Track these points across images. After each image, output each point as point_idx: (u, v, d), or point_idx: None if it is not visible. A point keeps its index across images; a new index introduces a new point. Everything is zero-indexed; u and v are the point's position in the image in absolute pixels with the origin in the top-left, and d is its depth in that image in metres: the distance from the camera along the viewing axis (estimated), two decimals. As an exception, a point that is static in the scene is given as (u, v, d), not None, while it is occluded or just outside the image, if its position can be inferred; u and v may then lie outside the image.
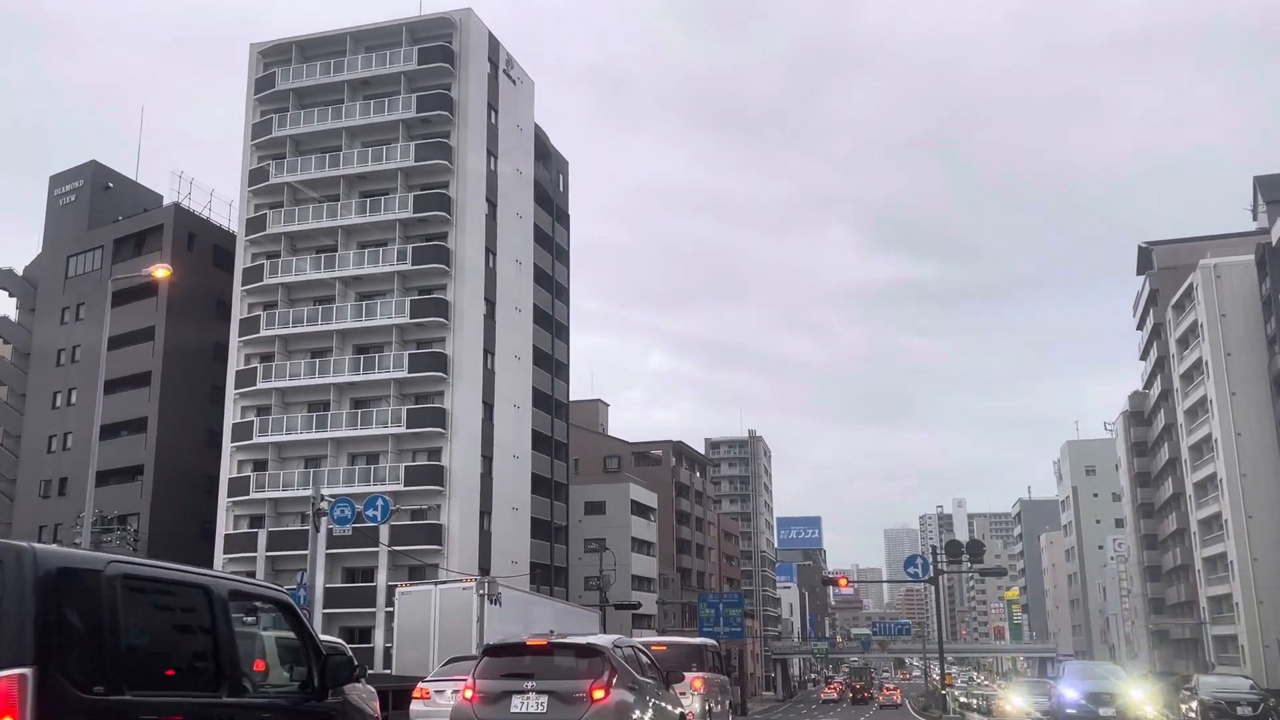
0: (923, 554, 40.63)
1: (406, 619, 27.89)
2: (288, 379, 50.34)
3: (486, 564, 49.99)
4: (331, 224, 51.28)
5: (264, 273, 51.50)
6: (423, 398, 49.65)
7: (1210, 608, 67.38)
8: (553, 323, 65.15)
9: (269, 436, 49.68)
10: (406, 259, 49.99)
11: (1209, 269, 65.50)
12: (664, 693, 11.67)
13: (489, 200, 53.41)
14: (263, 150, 53.60)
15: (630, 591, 71.39)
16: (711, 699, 15.88)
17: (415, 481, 47.95)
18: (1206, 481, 67.67)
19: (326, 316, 50.56)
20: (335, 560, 48.65)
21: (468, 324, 50.20)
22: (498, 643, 10.84)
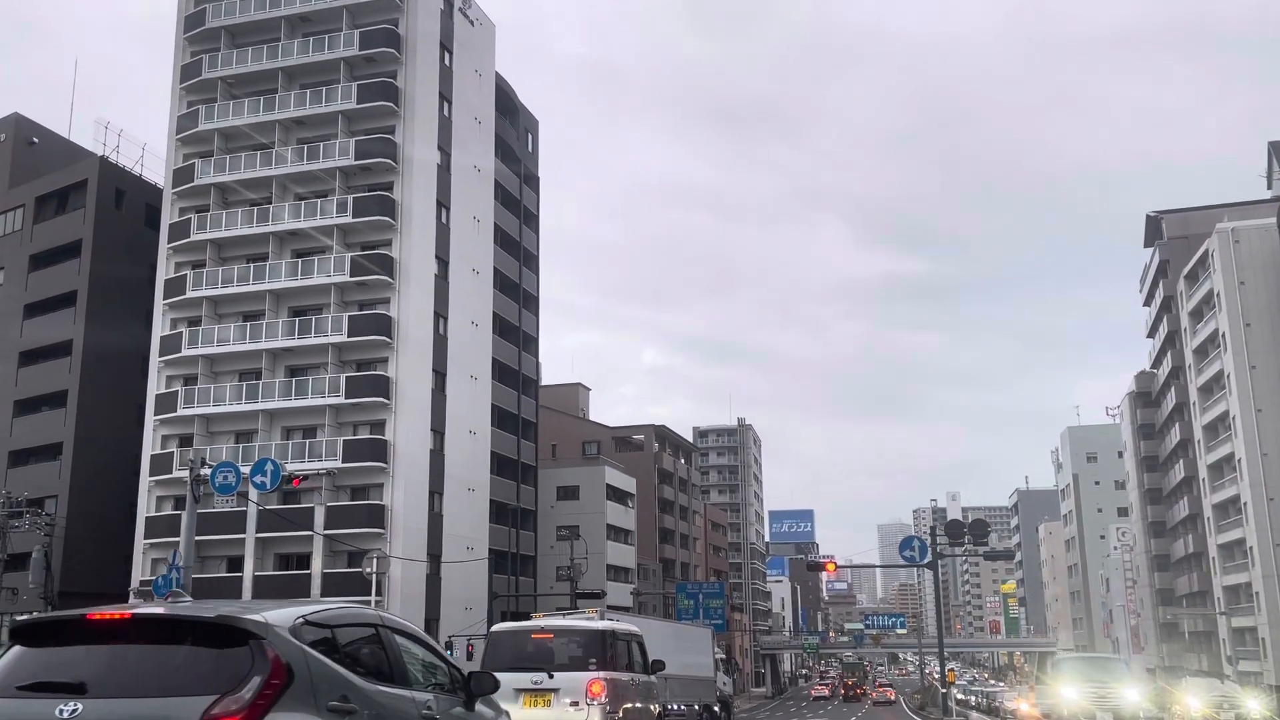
0: (919, 535, 35.82)
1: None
2: (215, 345, 45.46)
3: (436, 548, 45.20)
4: (266, 173, 46.36)
5: (191, 228, 46.56)
6: (365, 365, 44.80)
7: (1226, 598, 62.85)
8: (520, 291, 60.32)
9: (195, 408, 44.80)
10: (347, 211, 45.09)
11: (1226, 233, 60.90)
12: None
13: (441, 149, 48.51)
14: (192, 94, 48.65)
15: (605, 582, 66.68)
16: (621, 708, 11.64)
17: (355, 457, 43.13)
18: (1222, 463, 63.15)
19: (259, 276, 45.66)
20: (266, 546, 43.87)
21: (415, 284, 45.34)
22: None
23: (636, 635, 13.50)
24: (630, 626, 13.89)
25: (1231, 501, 61.96)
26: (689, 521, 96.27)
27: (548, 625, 12.90)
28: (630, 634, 13.24)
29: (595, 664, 11.55)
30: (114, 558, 45.85)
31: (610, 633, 12.39)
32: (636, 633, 13.68)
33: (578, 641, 12.23)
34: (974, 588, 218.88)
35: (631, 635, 13.30)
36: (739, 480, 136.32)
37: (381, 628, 5.55)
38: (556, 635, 12.51)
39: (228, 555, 44.25)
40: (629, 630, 13.39)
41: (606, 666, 11.70)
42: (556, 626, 12.99)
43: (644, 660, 13.47)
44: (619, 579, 69.21)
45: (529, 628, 12.85)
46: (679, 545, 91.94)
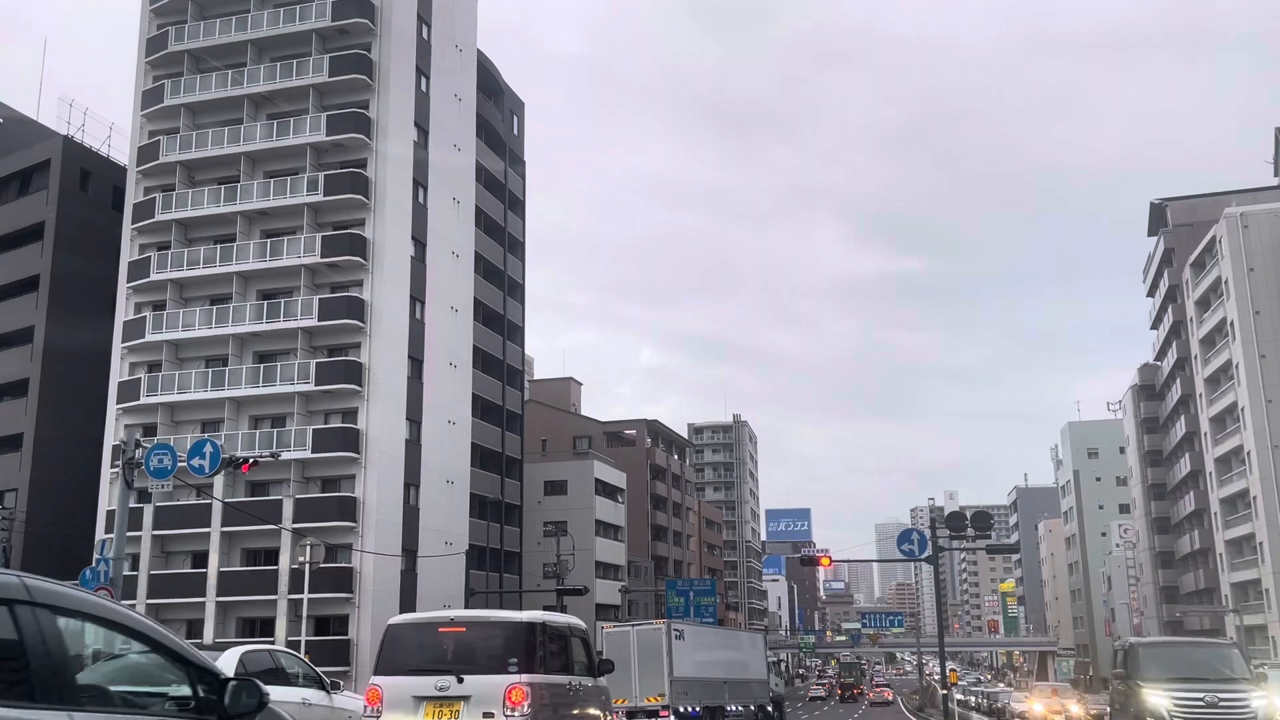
0: (918, 528, 33.75)
1: (612, 651, 31.56)
2: (181, 330, 43.35)
3: (412, 543, 43.13)
4: (234, 150, 44.22)
5: (155, 208, 44.43)
6: (336, 350, 42.71)
7: (1234, 595, 60.85)
8: (505, 278, 58.26)
9: (159, 396, 42.68)
10: (318, 189, 42.97)
11: (1235, 218, 58.89)
12: None
13: (418, 125, 46.42)
14: (158, 69, 46.51)
15: (594, 579, 64.62)
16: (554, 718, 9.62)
17: (325, 447, 41.03)
18: (1230, 456, 61.16)
19: (227, 257, 43.54)
20: (233, 540, 41.80)
21: (390, 266, 43.24)
22: None
23: (579, 630, 11.48)
24: (572, 619, 11.66)
25: (1240, 496, 60.00)
26: (682, 518, 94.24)
27: (460, 617, 10.70)
28: (571, 628, 11.20)
29: (518, 664, 9.44)
30: (78, 552, 43.66)
31: (540, 625, 10.24)
32: (579, 626, 11.58)
33: (497, 636, 10.02)
34: (972, 586, 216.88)
35: (573, 630, 11.24)
36: (734, 477, 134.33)
37: (24, 605, 3.41)
38: (471, 628, 10.28)
39: (193, 550, 42.16)
40: (568, 623, 11.32)
41: (534, 667, 9.61)
42: (470, 618, 10.85)
43: (589, 660, 11.42)
44: (608, 576, 67.18)
45: (436, 619, 10.63)
46: (672, 542, 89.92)
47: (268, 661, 10.82)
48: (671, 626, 32.67)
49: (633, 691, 30.21)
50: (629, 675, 30.60)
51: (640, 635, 32.05)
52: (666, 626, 32.55)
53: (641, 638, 31.89)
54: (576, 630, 11.40)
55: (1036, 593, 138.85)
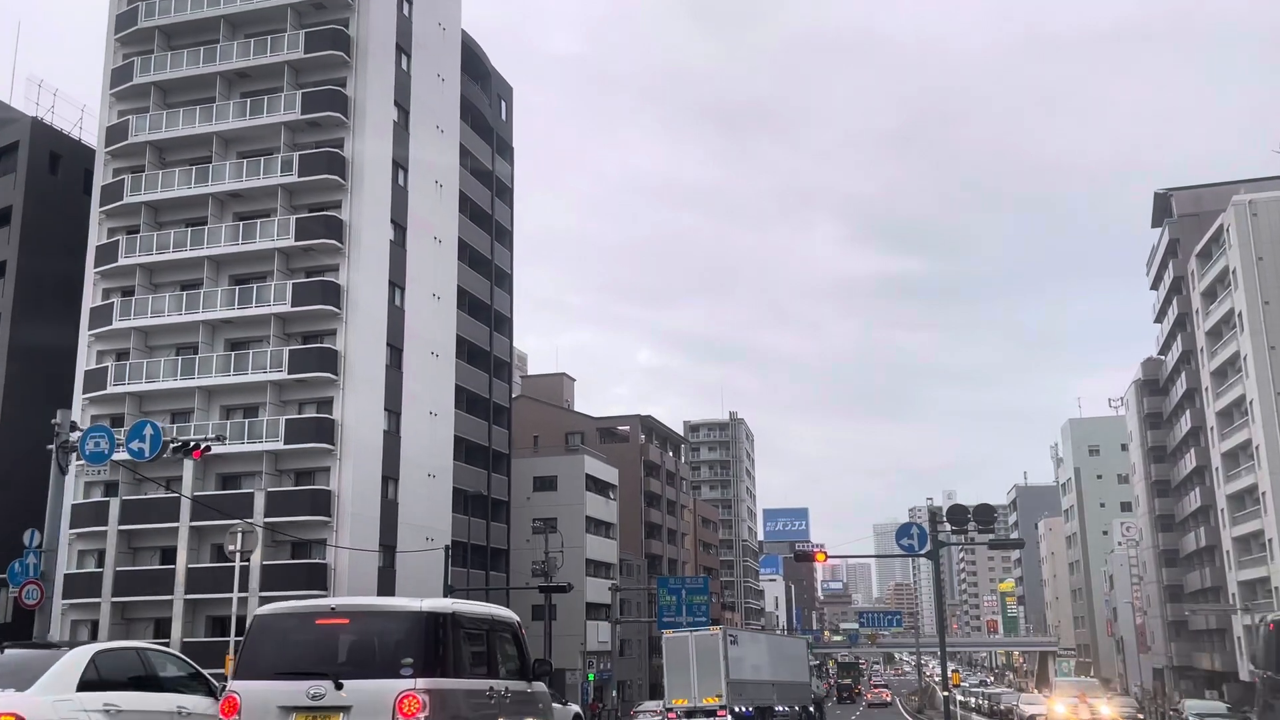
0: (918, 521, 32.02)
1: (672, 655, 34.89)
2: (149, 316, 41.60)
3: (390, 539, 41.40)
4: (206, 129, 42.46)
5: (124, 190, 42.68)
6: (311, 337, 40.96)
7: (1242, 593, 59.13)
8: (492, 268, 56.51)
9: (126, 385, 40.93)
10: (293, 170, 41.22)
11: (1243, 205, 57.20)
12: None
13: (399, 104, 44.67)
14: (128, 46, 44.76)
15: (584, 577, 62.94)
16: None
17: (298, 438, 39.29)
18: (1238, 450, 59.45)
19: (198, 241, 41.78)
20: (202, 535, 40.05)
21: (367, 250, 41.51)
22: None
23: (507, 622, 9.49)
24: (497, 610, 9.58)
25: (1248, 491, 58.31)
26: (677, 516, 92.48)
27: (344, 605, 8.37)
28: (496, 620, 9.21)
29: (415, 666, 7.55)
30: (40, 549, 41.97)
31: (448, 617, 8.14)
32: (506, 619, 9.53)
33: (389, 631, 7.97)
34: (970, 586, 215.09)
35: (499, 622, 9.26)
36: (731, 475, 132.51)
37: None
38: (357, 620, 8.14)
39: (161, 546, 40.40)
40: (492, 615, 9.24)
41: (438, 669, 7.71)
42: (356, 607, 8.50)
43: (521, 659, 9.45)
44: (600, 574, 65.49)
45: (313, 609, 8.44)
46: (666, 541, 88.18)
47: (133, 663, 9.01)
48: (727, 633, 35.00)
49: (692, 692, 33.12)
50: (688, 677, 33.46)
51: (698, 641, 34.39)
52: (723, 633, 34.92)
53: (700, 643, 34.21)
54: (504, 623, 9.44)
55: (1036, 592, 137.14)
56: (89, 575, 40.15)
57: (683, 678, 33.90)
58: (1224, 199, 61.49)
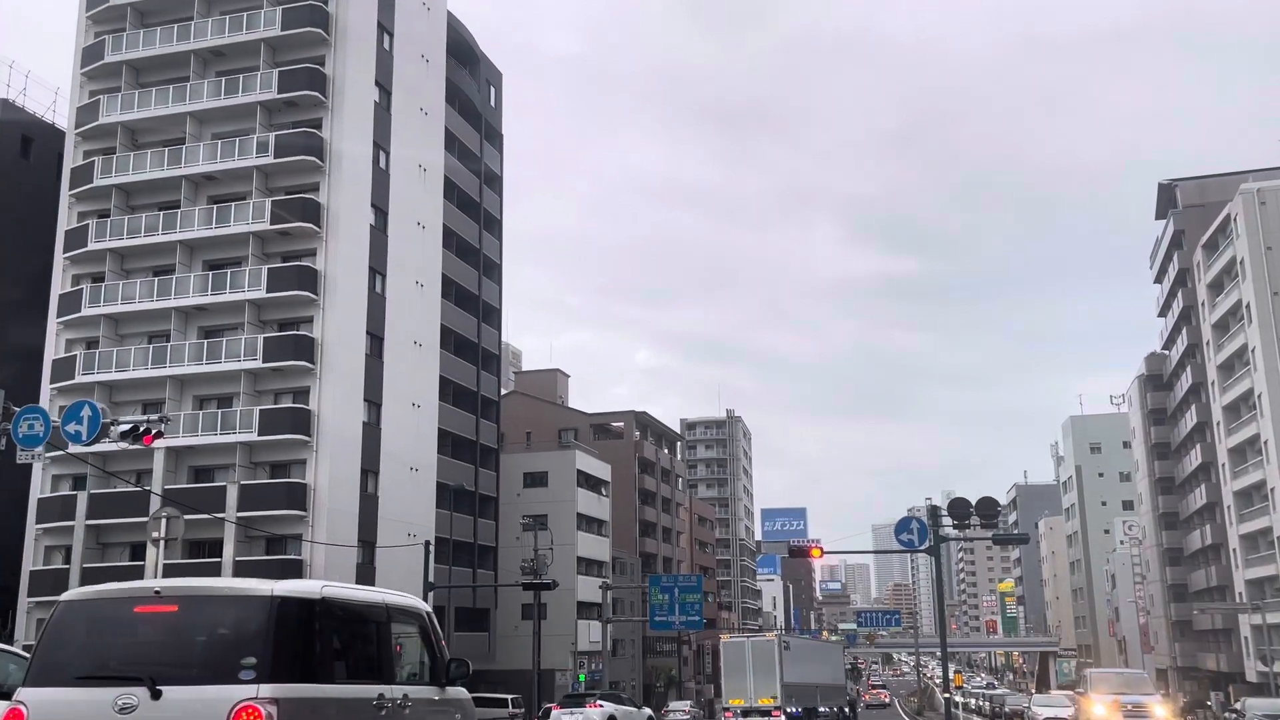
0: (918, 515, 30.50)
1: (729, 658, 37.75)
2: (120, 302, 40.03)
3: (370, 534, 39.85)
4: (180, 109, 40.91)
5: (95, 172, 41.12)
6: (287, 325, 39.39)
7: (1249, 592, 57.61)
8: (480, 257, 54.96)
9: (96, 374, 39.36)
10: (269, 151, 39.67)
11: (1251, 194, 55.73)
12: None
13: (380, 85, 43.13)
14: (99, 24, 43.22)
15: (575, 576, 61.41)
16: None
17: (273, 429, 37.75)
18: (1245, 446, 57.98)
19: (170, 225, 40.23)
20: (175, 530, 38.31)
21: (346, 234, 39.96)
22: None
23: (412, 613, 7.67)
24: (396, 596, 7.68)
25: (1256, 488, 56.84)
26: (672, 514, 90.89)
27: (171, 588, 6.38)
28: (392, 610, 7.31)
29: (261, 668, 5.81)
30: (4, 546, 40.45)
31: (313, 604, 6.32)
32: (412, 609, 7.70)
33: (227, 622, 6.16)
34: (970, 586, 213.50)
35: (398, 613, 7.39)
36: (728, 474, 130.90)
37: None
38: (188, 608, 6.23)
39: (130, 542, 38.82)
40: (385, 603, 7.29)
41: (294, 672, 5.96)
42: (188, 590, 6.50)
43: (433, 659, 7.63)
44: (591, 572, 63.89)
45: (130, 593, 6.50)
46: (661, 539, 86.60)
47: None
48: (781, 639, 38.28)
49: (748, 694, 35.81)
50: (745, 680, 36.27)
51: (755, 646, 37.37)
52: (778, 639, 38.25)
53: (756, 648, 37.12)
54: (406, 614, 7.54)
55: (1036, 592, 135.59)
56: (56, 572, 38.53)
57: (739, 680, 36.65)
58: (1229, 189, 60.02)
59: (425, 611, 7.85)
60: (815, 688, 40.06)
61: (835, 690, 45.18)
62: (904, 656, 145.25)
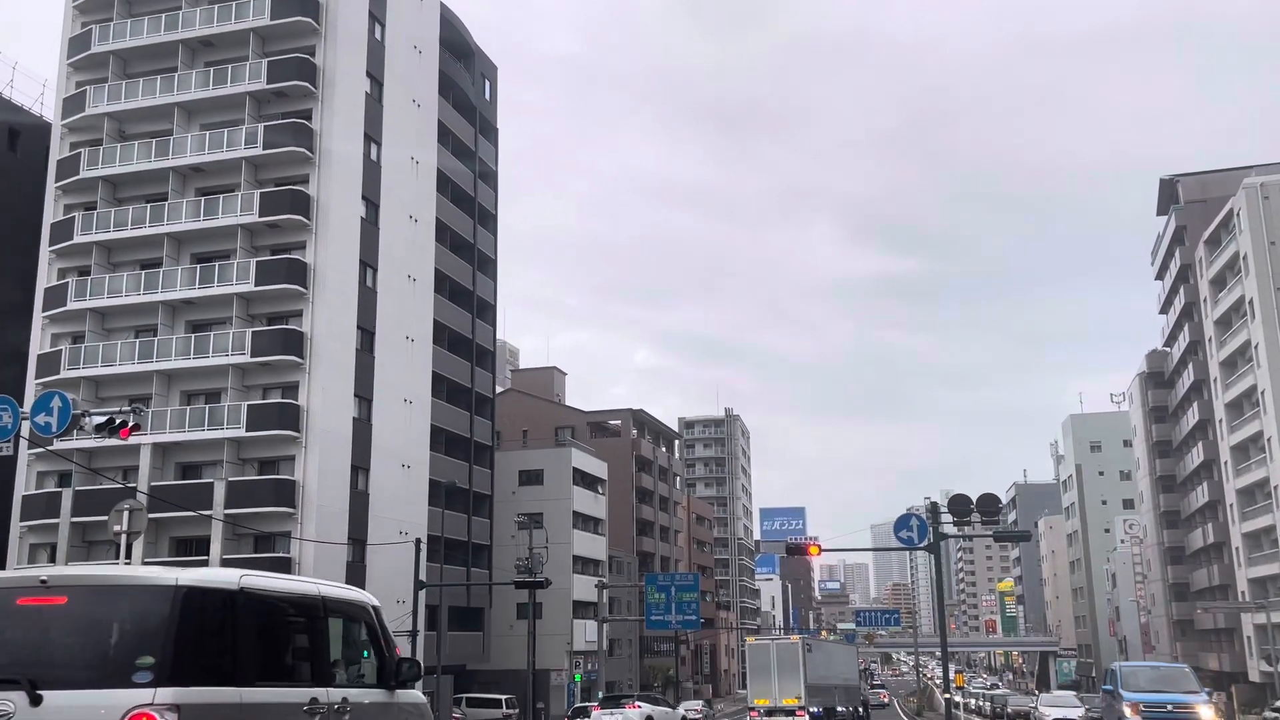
0: (917, 513, 29.85)
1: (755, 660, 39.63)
2: (107, 296, 39.35)
3: (360, 532, 39.20)
4: (167, 100, 40.24)
5: (81, 164, 40.45)
6: (276, 319, 38.74)
7: (1253, 591, 56.97)
8: (475, 252, 54.35)
9: (81, 369, 38.69)
10: (258, 142, 39.01)
11: (1254, 189, 55.12)
12: None
13: (371, 75, 42.48)
14: (86, 14, 42.55)
15: (571, 574, 60.79)
16: None
17: (262, 425, 37.07)
18: (1248, 443, 57.37)
19: (158, 217, 39.54)
20: (161, 528, 37.86)
21: (336, 226, 39.30)
22: None
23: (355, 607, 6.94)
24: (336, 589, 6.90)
25: (1259, 485, 56.20)
26: (670, 513, 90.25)
27: (60, 578, 5.64)
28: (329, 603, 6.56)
29: (160, 669, 5.06)
30: (-9, 541, 39.80)
31: (227, 595, 5.61)
32: (354, 603, 6.97)
33: (120, 615, 5.40)
34: (969, 586, 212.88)
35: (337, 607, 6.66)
36: (726, 473, 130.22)
37: None
38: (77, 599, 5.48)
39: (118, 541, 38.05)
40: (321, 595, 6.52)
41: (198, 674, 5.21)
42: (78, 579, 5.73)
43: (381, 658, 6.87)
44: (588, 571, 63.27)
45: (11, 583, 5.77)
46: (658, 538, 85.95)
47: None
48: (804, 642, 39.98)
49: (773, 694, 37.40)
50: (770, 680, 37.94)
51: (779, 648, 39.21)
52: (801, 642, 40.12)
53: (780, 651, 38.88)
54: (347, 607, 6.78)
55: (1036, 592, 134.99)
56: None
57: (764, 680, 38.42)
58: (1232, 185, 59.43)
59: (371, 605, 7.11)
60: (834, 688, 41.73)
61: (851, 690, 47.22)
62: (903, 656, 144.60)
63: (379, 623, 6.99)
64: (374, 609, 7.05)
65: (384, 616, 7.01)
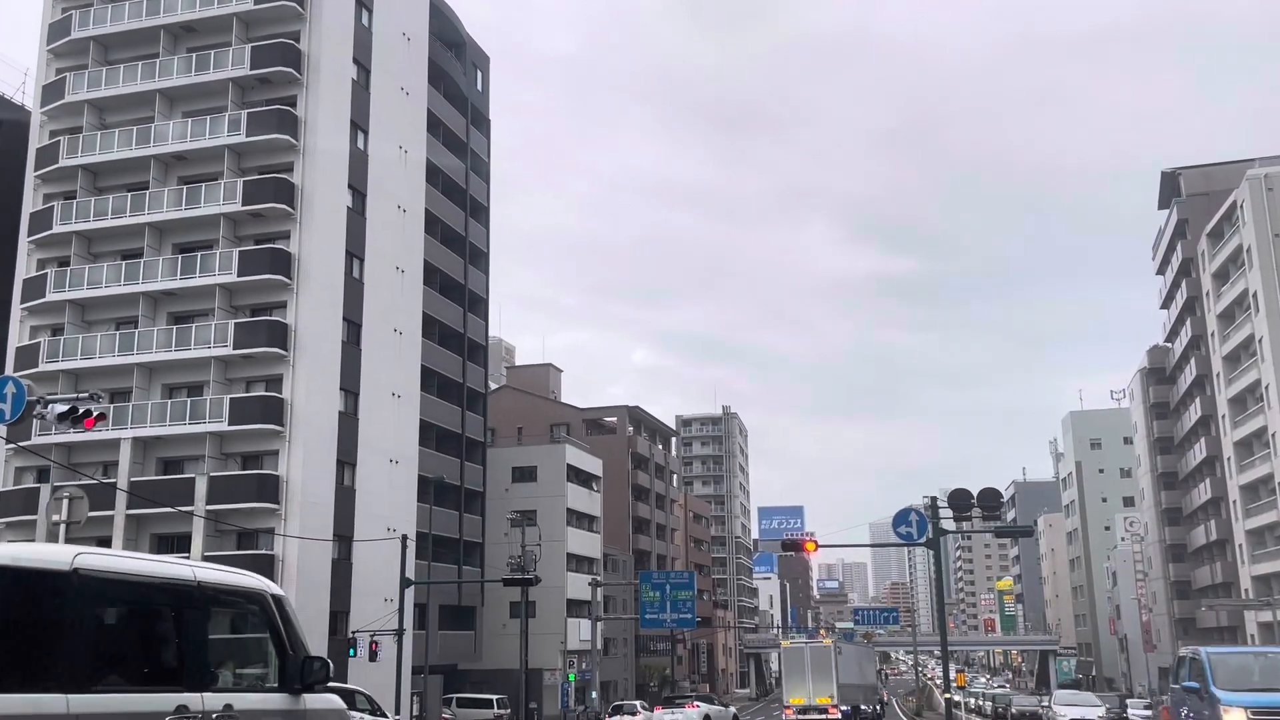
0: (917, 508, 28.95)
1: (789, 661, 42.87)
2: (86, 287, 38.41)
3: (347, 529, 38.29)
4: (148, 86, 39.29)
5: (60, 152, 39.52)
6: (260, 310, 37.80)
7: (1256, 588, 56.16)
8: (466, 245, 53.43)
9: (60, 362, 37.76)
10: (241, 129, 38.08)
11: (1258, 180, 54.29)
12: None
13: (358, 62, 41.56)
14: None
15: (565, 572, 59.92)
16: None
17: (244, 418, 36.14)
18: (1252, 439, 56.57)
19: (139, 206, 38.61)
20: (141, 525, 36.95)
21: (322, 216, 38.37)
22: None
23: (246, 596, 5.93)
24: (217, 574, 5.81)
25: (1263, 481, 55.40)
26: (666, 511, 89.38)
27: None
28: (210, 591, 5.54)
29: None
30: (-32, 540, 38.89)
31: (52, 578, 4.57)
32: (245, 591, 5.94)
33: None
34: (967, 585, 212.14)
35: (219, 595, 5.65)
36: (723, 471, 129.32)
37: None
38: None
39: (96, 536, 37.13)
40: (197, 581, 5.51)
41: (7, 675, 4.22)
42: None
43: (281, 657, 5.86)
44: (582, 569, 62.36)
45: None
46: (655, 536, 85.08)
47: None
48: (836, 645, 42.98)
49: (808, 693, 40.14)
50: (804, 681, 40.76)
51: (813, 651, 42.26)
52: (833, 644, 43.04)
53: (814, 653, 41.90)
54: (229, 595, 5.78)
55: (1035, 590, 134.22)
56: (18, 568, 37.01)
57: (799, 681, 41.20)
58: (1234, 177, 58.61)
59: (269, 594, 6.08)
60: (859, 688, 44.21)
61: (872, 690, 50.00)
62: (902, 655, 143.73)
63: (281, 615, 5.99)
64: (274, 598, 6.07)
65: (290, 606, 6.02)
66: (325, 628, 36.56)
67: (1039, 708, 45.53)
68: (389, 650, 34.95)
